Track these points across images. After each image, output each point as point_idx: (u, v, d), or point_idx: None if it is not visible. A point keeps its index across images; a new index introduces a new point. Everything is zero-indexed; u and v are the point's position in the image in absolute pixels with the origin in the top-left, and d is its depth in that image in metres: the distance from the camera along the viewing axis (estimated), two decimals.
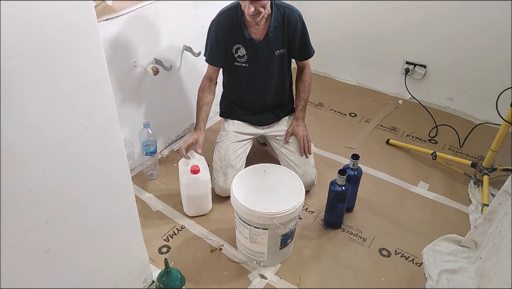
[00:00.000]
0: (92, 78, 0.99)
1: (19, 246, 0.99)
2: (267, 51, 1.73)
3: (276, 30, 1.69)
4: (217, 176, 1.83)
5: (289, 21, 1.69)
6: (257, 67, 1.78)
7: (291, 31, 1.71)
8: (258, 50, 1.72)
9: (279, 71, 1.81)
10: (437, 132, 2.33)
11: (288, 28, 1.70)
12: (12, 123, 0.86)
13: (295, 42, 1.76)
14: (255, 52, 1.73)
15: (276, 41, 1.72)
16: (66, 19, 0.87)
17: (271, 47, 1.73)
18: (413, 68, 2.54)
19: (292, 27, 1.71)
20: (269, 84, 1.84)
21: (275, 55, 1.75)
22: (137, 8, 1.72)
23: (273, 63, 1.78)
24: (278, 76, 1.83)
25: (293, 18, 1.70)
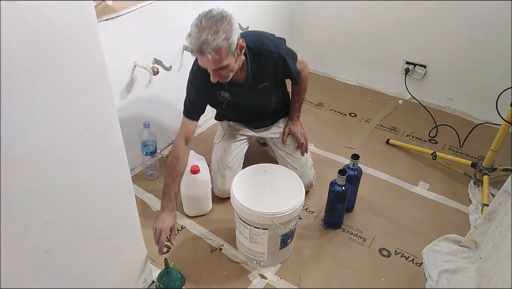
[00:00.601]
0: (92, 78, 0.99)
1: (19, 246, 0.99)
2: (249, 88, 1.67)
3: (256, 72, 1.62)
4: (215, 178, 1.83)
5: (268, 62, 1.62)
6: (242, 101, 1.75)
7: (272, 69, 1.65)
8: (240, 91, 1.67)
9: (266, 98, 1.78)
10: (437, 132, 2.33)
11: (269, 67, 1.64)
12: (12, 123, 0.86)
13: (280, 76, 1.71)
14: (238, 92, 1.69)
15: (257, 79, 1.66)
16: (66, 19, 0.87)
17: (253, 85, 1.66)
18: (413, 68, 2.54)
19: (273, 66, 1.64)
20: (256, 110, 1.82)
21: (258, 88, 1.70)
22: (137, 8, 1.72)
23: (258, 95, 1.73)
24: (265, 102, 1.79)
25: (271, 59, 1.62)
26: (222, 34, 1.35)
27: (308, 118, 2.46)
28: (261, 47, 1.60)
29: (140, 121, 1.90)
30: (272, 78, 1.69)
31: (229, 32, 1.37)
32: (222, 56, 1.39)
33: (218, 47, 1.36)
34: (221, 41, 1.36)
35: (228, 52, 1.40)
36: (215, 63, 1.40)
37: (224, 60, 1.40)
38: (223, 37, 1.35)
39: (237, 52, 1.44)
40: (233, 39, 1.39)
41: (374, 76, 2.73)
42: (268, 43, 1.62)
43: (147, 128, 1.86)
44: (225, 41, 1.36)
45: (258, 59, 1.60)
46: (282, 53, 1.64)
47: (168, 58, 1.95)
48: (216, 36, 1.34)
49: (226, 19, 1.38)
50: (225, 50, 1.38)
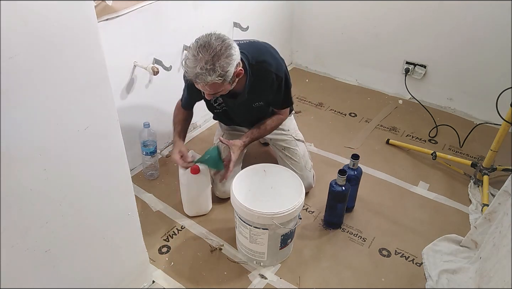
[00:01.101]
0: (92, 78, 0.99)
1: (19, 246, 0.99)
2: (244, 104, 1.68)
3: (254, 89, 1.61)
4: (215, 178, 1.83)
5: (266, 80, 1.61)
6: (236, 112, 1.77)
7: (269, 88, 1.64)
8: (234, 102, 1.67)
9: (257, 115, 1.78)
10: (437, 132, 2.33)
11: (266, 85, 1.63)
12: (12, 123, 0.86)
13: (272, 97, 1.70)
14: (232, 103, 1.69)
15: (253, 97, 1.65)
16: (66, 19, 0.87)
17: (248, 101, 1.66)
18: (413, 68, 2.54)
19: (270, 86, 1.63)
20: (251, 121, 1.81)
21: (253, 106, 1.71)
22: (137, 8, 1.72)
23: (249, 113, 1.75)
24: (255, 118, 1.79)
25: (269, 79, 1.60)
26: (218, 71, 1.35)
27: (308, 118, 2.46)
28: (261, 65, 1.57)
29: (140, 121, 1.90)
30: (267, 98, 1.69)
31: (225, 67, 1.36)
32: (216, 87, 1.42)
33: (213, 82, 1.38)
34: (216, 78, 1.36)
35: (223, 82, 1.40)
36: (211, 91, 1.44)
37: (218, 89, 1.44)
38: (218, 74, 1.35)
39: (234, 78, 1.44)
40: (230, 72, 1.39)
41: (374, 76, 2.73)
42: (270, 62, 1.59)
43: (147, 128, 1.86)
44: (219, 78, 1.37)
45: (257, 75, 1.58)
46: (280, 76, 1.62)
47: (168, 58, 1.95)
48: (212, 72, 1.34)
49: (225, 53, 1.36)
50: (220, 83, 1.40)
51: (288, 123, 1.95)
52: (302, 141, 1.93)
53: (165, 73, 1.95)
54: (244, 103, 1.67)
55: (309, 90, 2.75)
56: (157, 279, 1.53)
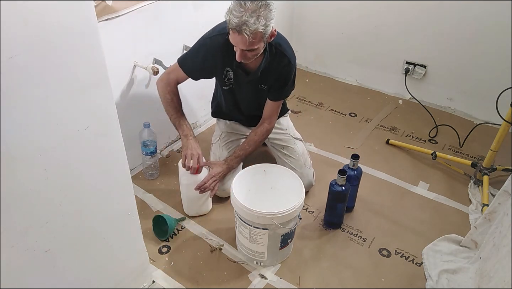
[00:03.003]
0: (92, 78, 0.99)
1: (19, 246, 0.99)
2: (252, 84, 1.70)
3: (267, 70, 1.65)
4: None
5: (278, 63, 1.64)
6: (241, 93, 1.77)
7: (277, 74, 1.66)
8: (244, 80, 1.69)
9: (258, 101, 1.79)
10: (437, 132, 2.33)
11: (278, 68, 1.66)
12: (12, 123, 0.86)
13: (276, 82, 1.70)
14: (241, 81, 1.71)
15: (263, 78, 1.68)
16: (66, 19, 0.87)
17: (255, 81, 1.69)
18: (413, 68, 2.54)
19: (280, 70, 1.66)
20: (252, 107, 1.83)
21: (259, 88, 1.72)
22: (137, 8, 1.72)
23: (257, 94, 1.75)
24: (261, 104, 1.79)
25: (282, 62, 1.64)
26: (262, 20, 1.40)
27: (308, 118, 2.46)
28: (279, 47, 1.63)
29: (140, 121, 1.90)
30: (269, 84, 1.70)
31: (268, 19, 1.42)
32: (257, 40, 1.44)
33: (256, 31, 1.41)
34: (261, 27, 1.41)
35: (262, 37, 1.45)
36: (249, 45, 1.44)
37: (257, 44, 1.46)
38: (263, 23, 1.40)
39: (267, 38, 1.49)
40: (270, 27, 1.45)
41: (374, 76, 2.73)
42: (287, 48, 1.66)
43: (147, 128, 1.86)
44: (263, 27, 1.41)
45: (274, 57, 1.64)
46: (293, 63, 1.67)
47: (168, 58, 1.95)
48: (257, 21, 1.39)
49: (268, 6, 1.42)
50: (261, 35, 1.44)
51: (286, 122, 1.95)
52: (300, 140, 1.93)
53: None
54: (252, 82, 1.69)
55: (309, 90, 2.75)
56: (157, 279, 1.53)
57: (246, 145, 1.78)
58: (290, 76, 1.69)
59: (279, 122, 1.93)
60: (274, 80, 1.69)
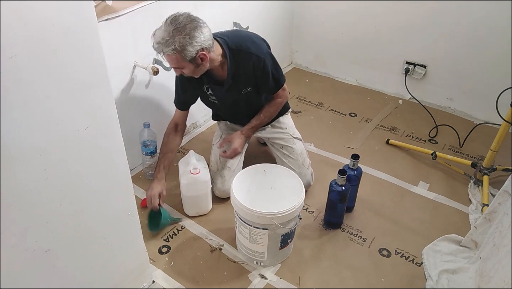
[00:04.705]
0: (92, 78, 0.99)
1: (19, 246, 0.99)
2: (232, 92, 1.71)
3: (239, 73, 1.65)
4: (215, 178, 1.84)
5: (247, 63, 1.64)
6: (228, 103, 1.79)
7: (252, 71, 1.66)
8: (222, 91, 1.71)
9: (248, 106, 1.79)
10: (437, 132, 2.33)
11: (249, 69, 1.65)
12: (12, 123, 0.86)
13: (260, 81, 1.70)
14: (220, 93, 1.74)
15: (239, 82, 1.68)
16: (66, 19, 0.87)
17: (235, 87, 1.69)
18: (413, 68, 2.54)
19: (252, 68, 1.65)
20: (242, 113, 1.84)
21: (242, 93, 1.73)
22: (137, 8, 1.72)
23: (240, 101, 1.76)
24: (248, 108, 1.81)
25: (250, 60, 1.63)
26: (174, 45, 1.42)
27: (308, 118, 2.46)
28: (240, 48, 1.63)
29: (140, 121, 1.90)
30: (253, 82, 1.70)
31: (184, 44, 1.43)
32: (174, 60, 1.49)
33: (168, 54, 1.46)
34: (170, 51, 1.44)
35: (182, 59, 1.47)
36: (171, 63, 1.53)
37: (178, 64, 1.50)
38: (173, 48, 1.43)
39: (197, 60, 1.50)
40: (188, 51, 1.45)
41: (374, 76, 2.73)
42: (248, 45, 1.64)
43: (147, 128, 1.86)
44: (174, 52, 1.44)
45: (238, 59, 1.63)
46: (262, 57, 1.64)
47: None
48: (168, 44, 1.42)
49: (188, 31, 1.43)
50: (177, 58, 1.47)
51: (286, 121, 1.95)
52: (299, 140, 1.93)
53: (165, 73, 1.95)
54: (232, 90, 1.70)
55: (309, 90, 2.75)
56: (157, 279, 1.53)
57: (262, 116, 1.81)
58: (267, 69, 1.67)
59: (280, 121, 1.93)
60: (255, 79, 1.69)
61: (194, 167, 1.68)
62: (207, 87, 1.74)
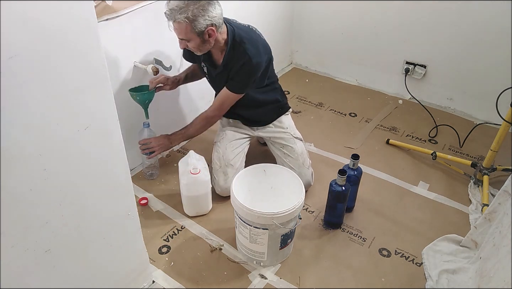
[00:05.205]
0: (92, 78, 0.99)
1: (19, 246, 0.99)
2: (221, 79, 1.76)
3: (230, 64, 1.69)
4: (217, 175, 1.84)
5: (238, 59, 1.66)
6: (216, 86, 1.84)
7: (238, 69, 1.67)
8: (214, 75, 1.77)
9: None
10: (437, 132, 2.33)
11: (236, 65, 1.67)
12: (12, 123, 0.86)
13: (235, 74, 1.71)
14: (212, 74, 1.79)
15: (228, 72, 1.71)
16: (66, 19, 0.87)
17: (225, 75, 1.73)
18: (413, 68, 2.54)
19: (240, 66, 1.66)
20: None
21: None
22: (137, 8, 1.72)
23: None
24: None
25: (241, 60, 1.65)
26: (186, 13, 1.47)
27: (308, 118, 2.46)
28: (242, 44, 1.65)
29: (140, 121, 1.90)
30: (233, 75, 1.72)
31: (196, 15, 1.48)
32: (183, 30, 1.52)
33: (179, 21, 1.50)
34: (182, 19, 1.48)
35: (191, 30, 1.52)
36: (178, 33, 1.56)
37: (186, 34, 1.54)
38: (184, 16, 1.48)
39: (204, 35, 1.55)
40: (199, 23, 1.50)
41: (374, 76, 2.73)
42: (250, 48, 1.65)
43: (147, 128, 1.86)
44: (186, 20, 1.48)
45: (235, 52, 1.66)
46: (252, 62, 1.64)
47: (168, 58, 1.95)
48: (181, 12, 1.47)
49: (202, 3, 1.49)
50: (187, 27, 1.51)
51: (287, 121, 1.95)
52: (300, 140, 1.93)
53: (165, 73, 1.95)
54: (222, 78, 1.75)
55: (309, 90, 2.75)
56: (157, 279, 1.53)
57: (189, 125, 1.87)
58: (245, 73, 1.68)
59: (281, 120, 1.93)
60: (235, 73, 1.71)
61: (194, 167, 1.68)
62: (203, 65, 1.79)
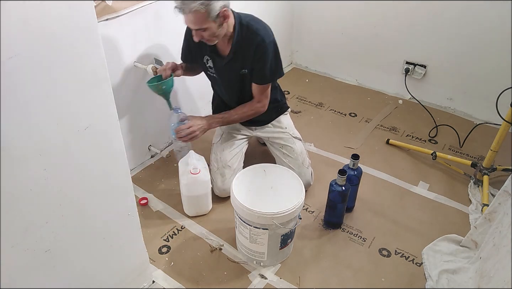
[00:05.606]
0: (92, 78, 0.99)
1: (19, 246, 0.99)
2: (230, 69, 1.71)
3: (240, 50, 1.66)
4: (215, 177, 1.84)
5: (251, 43, 1.64)
6: (222, 80, 1.79)
7: (252, 53, 1.65)
8: (221, 66, 1.72)
9: (242, 88, 1.78)
10: (437, 132, 2.33)
11: (250, 49, 1.65)
12: (12, 123, 0.86)
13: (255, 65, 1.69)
14: (219, 68, 1.74)
15: (239, 60, 1.68)
16: (66, 19, 0.87)
17: (234, 65, 1.70)
18: (413, 68, 2.54)
19: (254, 51, 1.65)
20: (234, 97, 1.82)
21: (239, 74, 1.72)
22: (137, 8, 1.72)
23: (235, 81, 1.75)
24: (241, 92, 1.79)
25: (254, 41, 1.63)
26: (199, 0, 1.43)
27: (308, 118, 2.46)
28: (250, 27, 1.64)
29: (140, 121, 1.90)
30: (250, 65, 1.70)
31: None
32: (199, 19, 1.48)
33: (195, 10, 1.44)
34: (198, 6, 1.43)
35: (207, 17, 1.48)
36: (196, 24, 1.50)
37: (202, 23, 1.49)
38: (199, 2, 1.43)
39: (219, 19, 1.52)
40: (213, 6, 1.46)
41: (374, 76, 2.73)
42: (259, 28, 1.64)
43: (179, 113, 1.78)
44: (202, 6, 1.44)
45: (244, 36, 1.64)
46: (266, 41, 1.63)
47: (168, 59, 1.95)
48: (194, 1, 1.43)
49: None
50: (203, 15, 1.46)
51: (286, 121, 1.95)
52: (299, 139, 1.93)
53: None
54: (231, 67, 1.70)
55: (309, 90, 2.75)
56: (157, 279, 1.53)
57: (232, 111, 1.79)
58: (267, 56, 1.66)
59: (279, 120, 1.93)
60: (253, 61, 1.68)
61: (194, 167, 1.68)
62: (207, 59, 1.75)
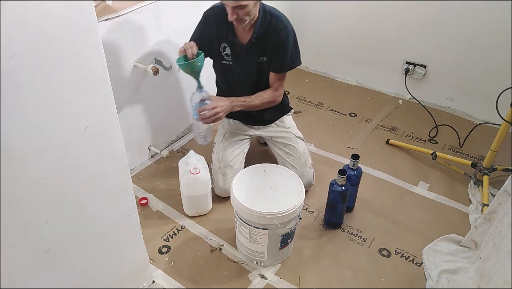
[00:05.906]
0: (92, 78, 0.99)
1: (19, 246, 0.99)
2: (249, 56, 1.72)
3: (262, 37, 1.67)
4: (216, 177, 1.84)
5: (274, 30, 1.66)
6: (239, 68, 1.77)
7: (274, 41, 1.67)
8: (241, 53, 1.72)
9: (258, 77, 1.78)
10: (437, 132, 2.33)
11: (272, 37, 1.67)
12: (12, 123, 0.86)
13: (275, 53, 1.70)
14: (238, 55, 1.74)
15: (259, 47, 1.69)
16: (66, 19, 0.87)
17: (254, 52, 1.70)
18: (413, 68, 2.54)
19: (276, 38, 1.67)
20: (248, 87, 1.80)
21: (257, 61, 1.73)
22: (137, 8, 1.72)
23: (253, 69, 1.75)
24: (256, 81, 1.79)
25: (277, 28, 1.66)
26: None
27: (308, 118, 2.46)
28: (274, 15, 1.67)
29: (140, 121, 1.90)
30: (270, 53, 1.71)
31: None
32: None
33: None
34: None
35: None
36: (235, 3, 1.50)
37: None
38: None
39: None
40: None
41: (374, 76, 2.73)
42: (282, 16, 1.69)
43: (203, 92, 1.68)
44: None
45: (268, 23, 1.66)
46: (289, 29, 1.67)
47: (168, 58, 1.95)
48: None
49: None
50: None
51: (289, 121, 1.96)
52: (302, 139, 1.94)
53: (165, 73, 1.95)
54: (251, 55, 1.71)
55: (309, 90, 2.75)
56: (157, 279, 1.53)
57: (253, 96, 1.77)
58: (288, 44, 1.69)
59: (283, 120, 1.94)
60: (274, 48, 1.69)
61: (194, 167, 1.68)
62: (224, 46, 1.74)
